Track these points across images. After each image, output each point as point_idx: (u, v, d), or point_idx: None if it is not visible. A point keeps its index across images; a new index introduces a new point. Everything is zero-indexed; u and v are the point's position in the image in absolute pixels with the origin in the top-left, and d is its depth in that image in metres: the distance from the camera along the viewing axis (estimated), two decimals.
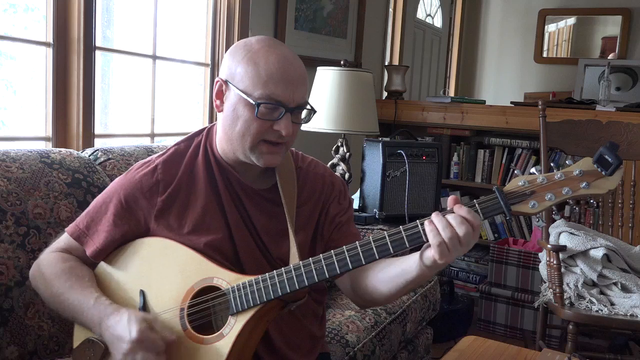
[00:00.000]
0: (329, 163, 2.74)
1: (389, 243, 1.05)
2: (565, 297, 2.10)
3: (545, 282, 2.32)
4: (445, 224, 1.00)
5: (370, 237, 1.07)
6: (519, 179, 1.03)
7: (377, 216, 2.63)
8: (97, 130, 2.11)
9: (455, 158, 3.50)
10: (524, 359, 1.47)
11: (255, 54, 1.16)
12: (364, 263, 1.07)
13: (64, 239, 1.30)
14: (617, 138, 2.39)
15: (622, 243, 2.36)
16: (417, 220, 1.05)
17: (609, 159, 0.98)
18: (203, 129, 1.33)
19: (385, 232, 1.06)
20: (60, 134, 2.01)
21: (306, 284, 1.10)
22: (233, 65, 1.18)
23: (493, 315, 3.15)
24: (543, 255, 2.39)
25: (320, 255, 1.10)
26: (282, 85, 1.14)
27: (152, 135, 2.43)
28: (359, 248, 1.07)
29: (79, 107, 2.00)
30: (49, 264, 1.25)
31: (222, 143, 1.25)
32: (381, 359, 1.85)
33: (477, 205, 1.04)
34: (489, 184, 3.42)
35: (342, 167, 2.74)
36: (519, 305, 3.07)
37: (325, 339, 1.46)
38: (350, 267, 1.08)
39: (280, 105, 1.14)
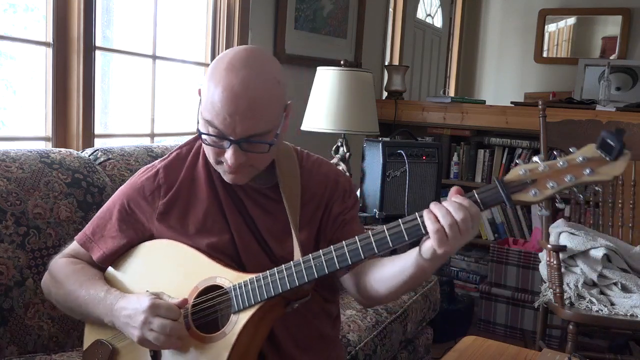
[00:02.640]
0: None
1: (387, 237, 1.04)
2: (565, 297, 2.10)
3: (545, 282, 2.32)
4: (445, 212, 0.98)
5: (370, 232, 1.06)
6: (519, 167, 1.00)
7: (377, 216, 2.63)
8: (97, 130, 2.11)
9: (455, 158, 3.50)
10: (524, 359, 1.47)
11: (216, 74, 1.10)
12: (362, 257, 1.06)
13: (72, 246, 1.32)
14: None
15: (622, 243, 2.36)
16: (416, 213, 1.03)
17: (612, 143, 0.93)
18: None
19: (384, 226, 1.05)
20: (60, 134, 2.01)
21: (306, 280, 1.09)
22: (206, 77, 1.13)
23: (493, 315, 3.15)
24: (543, 255, 2.39)
25: (320, 251, 1.09)
26: (222, 116, 1.07)
27: (152, 135, 2.43)
28: (358, 242, 1.06)
29: (78, 107, 2.00)
30: (60, 268, 1.27)
31: None
32: (382, 358, 1.85)
33: (476, 195, 1.02)
34: (489, 183, 3.41)
35: (342, 167, 2.74)
36: (519, 305, 3.07)
37: (339, 340, 1.42)
38: (350, 261, 1.06)
39: (222, 136, 1.09)
